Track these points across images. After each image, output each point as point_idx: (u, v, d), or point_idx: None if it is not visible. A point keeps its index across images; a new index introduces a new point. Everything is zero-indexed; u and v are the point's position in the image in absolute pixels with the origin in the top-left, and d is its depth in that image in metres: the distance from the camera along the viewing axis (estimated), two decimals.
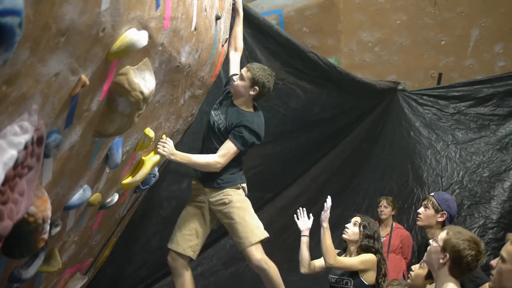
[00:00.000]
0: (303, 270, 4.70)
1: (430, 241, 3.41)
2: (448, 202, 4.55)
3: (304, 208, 4.88)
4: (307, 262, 4.67)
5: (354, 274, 4.46)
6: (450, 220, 4.48)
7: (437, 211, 4.45)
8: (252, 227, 4.41)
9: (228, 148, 4.24)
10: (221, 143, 4.30)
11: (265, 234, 4.50)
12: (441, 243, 3.16)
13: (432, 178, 7.45)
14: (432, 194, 4.59)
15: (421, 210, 4.52)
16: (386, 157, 7.90)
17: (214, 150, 4.33)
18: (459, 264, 3.10)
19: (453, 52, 8.67)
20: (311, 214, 4.86)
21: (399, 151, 7.84)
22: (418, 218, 4.54)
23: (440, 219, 4.41)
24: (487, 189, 7.15)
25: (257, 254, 4.43)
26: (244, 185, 4.54)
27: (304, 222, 4.81)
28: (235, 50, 4.69)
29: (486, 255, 3.53)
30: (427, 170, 7.54)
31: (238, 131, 4.24)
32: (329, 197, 4.58)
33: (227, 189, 4.43)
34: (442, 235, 3.20)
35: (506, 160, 7.22)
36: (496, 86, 7.49)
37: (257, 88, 4.24)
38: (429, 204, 4.47)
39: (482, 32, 8.48)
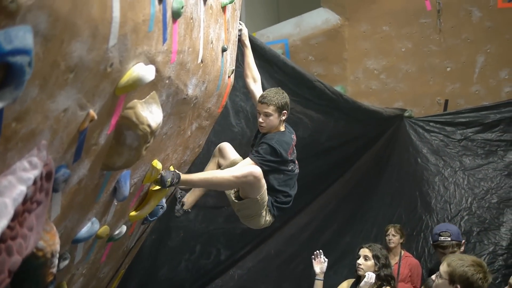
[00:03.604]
0: None
1: (433, 277, 3.38)
2: (459, 232, 4.62)
3: (321, 250, 4.84)
4: None
5: None
6: None
7: (458, 246, 4.50)
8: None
9: (245, 163, 4.00)
10: None
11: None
12: (446, 277, 3.14)
13: (440, 205, 7.42)
14: (449, 238, 4.60)
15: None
16: (394, 184, 7.88)
17: None
18: None
19: (459, 78, 8.70)
20: (325, 258, 4.83)
21: (407, 178, 7.82)
22: None
23: (462, 250, 4.48)
24: (496, 216, 7.10)
25: None
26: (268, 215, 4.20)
27: (320, 265, 4.78)
28: (254, 81, 4.62)
29: (496, 282, 3.54)
30: (435, 197, 7.51)
31: (256, 148, 4.11)
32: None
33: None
34: (444, 268, 3.19)
35: None
36: (502, 112, 7.50)
37: (285, 111, 4.21)
38: (456, 247, 4.51)
39: (488, 58, 8.52)
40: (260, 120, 4.17)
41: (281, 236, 7.18)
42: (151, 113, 2.33)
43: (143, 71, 2.05)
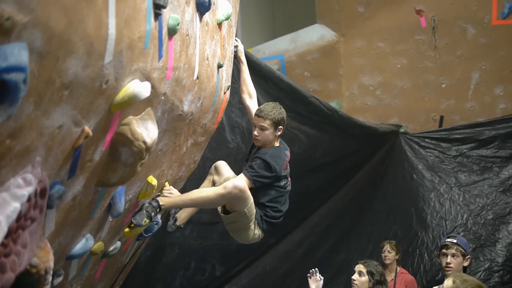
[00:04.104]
0: None
1: None
2: (467, 245, 4.51)
3: (316, 269, 4.82)
4: None
5: None
6: None
7: (464, 256, 4.38)
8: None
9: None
10: None
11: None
12: None
13: (436, 221, 7.41)
14: (455, 241, 4.45)
15: (450, 259, 4.33)
16: (389, 200, 7.87)
17: None
18: None
19: (454, 94, 8.74)
20: (320, 276, 4.80)
21: (402, 194, 7.82)
22: (448, 268, 4.29)
23: (466, 264, 4.36)
24: (491, 232, 7.09)
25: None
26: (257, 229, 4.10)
27: (315, 283, 4.75)
28: (250, 97, 4.59)
29: None
30: (431, 213, 7.50)
31: (250, 163, 4.04)
32: None
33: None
34: (449, 283, 3.16)
35: (510, 202, 7.19)
36: (497, 128, 7.52)
37: (281, 127, 4.15)
38: (459, 252, 4.37)
39: (482, 75, 8.57)
40: (255, 133, 4.13)
41: (277, 252, 7.15)
42: (146, 130, 2.33)
43: (139, 87, 2.05)
